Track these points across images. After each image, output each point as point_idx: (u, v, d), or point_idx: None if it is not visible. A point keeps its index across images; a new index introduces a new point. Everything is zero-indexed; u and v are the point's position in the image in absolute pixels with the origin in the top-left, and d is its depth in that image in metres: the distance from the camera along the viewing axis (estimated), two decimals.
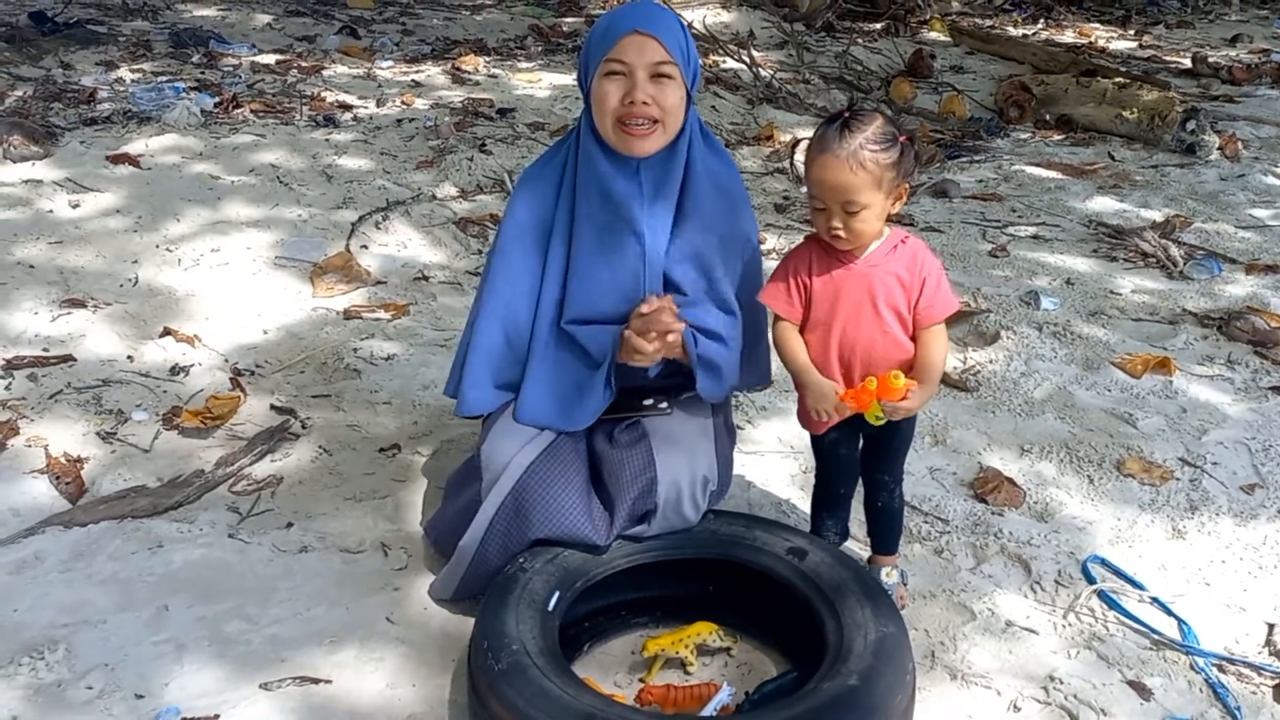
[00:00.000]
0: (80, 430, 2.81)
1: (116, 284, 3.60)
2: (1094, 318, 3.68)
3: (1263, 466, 2.82)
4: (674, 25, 2.04)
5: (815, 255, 2.05)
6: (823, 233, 1.99)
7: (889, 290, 2.01)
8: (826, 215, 1.95)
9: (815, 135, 1.95)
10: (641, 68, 1.98)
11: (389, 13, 8.31)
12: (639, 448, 2.10)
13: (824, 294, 2.03)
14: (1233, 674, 2.13)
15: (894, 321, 2.02)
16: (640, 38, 1.98)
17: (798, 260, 2.06)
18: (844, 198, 1.92)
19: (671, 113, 2.03)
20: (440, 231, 4.19)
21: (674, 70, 2.01)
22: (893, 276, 2.01)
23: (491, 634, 1.82)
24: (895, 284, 2.01)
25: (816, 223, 1.99)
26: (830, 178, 1.91)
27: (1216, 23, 10.12)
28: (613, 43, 1.98)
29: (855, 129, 1.90)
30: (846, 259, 2.02)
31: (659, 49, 1.98)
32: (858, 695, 1.70)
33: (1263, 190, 5.15)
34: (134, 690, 1.98)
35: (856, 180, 1.90)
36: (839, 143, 1.90)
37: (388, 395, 3.04)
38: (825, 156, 1.91)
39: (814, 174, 1.94)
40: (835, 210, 1.93)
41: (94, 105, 5.17)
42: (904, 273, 2.02)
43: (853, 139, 1.90)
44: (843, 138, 1.90)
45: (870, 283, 2.01)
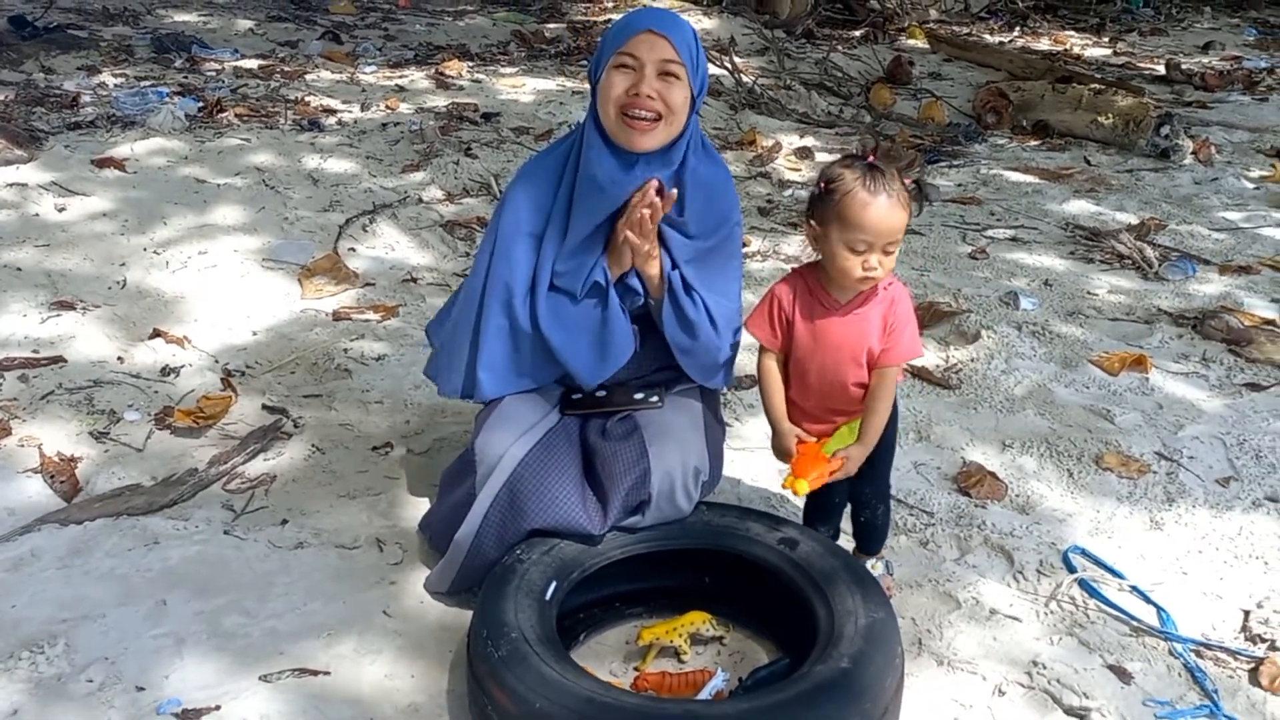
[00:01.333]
0: (73, 430, 2.83)
1: (105, 286, 3.61)
2: (1072, 317, 3.75)
3: (1237, 460, 2.89)
4: (686, 31, 2.10)
5: (800, 296, 2.11)
6: (854, 274, 2.01)
7: (866, 337, 2.08)
8: (864, 256, 1.99)
9: (847, 180, 1.98)
10: (650, 63, 2.03)
11: (371, 18, 8.33)
12: (632, 440, 2.14)
13: (805, 337, 2.11)
14: (1210, 658, 2.19)
15: (865, 364, 2.10)
16: (652, 36, 2.04)
17: (784, 297, 2.12)
18: (894, 238, 1.99)
19: (675, 111, 2.07)
20: (428, 234, 4.22)
21: (681, 71, 2.05)
22: (868, 323, 2.08)
23: (491, 622, 1.85)
24: (870, 330, 2.08)
25: (847, 265, 2.00)
26: (890, 222, 1.97)
27: (1189, 30, 10.26)
28: (626, 39, 2.04)
29: (890, 172, 1.99)
30: (830, 304, 2.09)
31: (669, 48, 2.04)
32: (849, 678, 1.74)
33: (1235, 193, 5.24)
34: (134, 683, 2.01)
35: (905, 218, 1.99)
36: (889, 187, 1.97)
37: (379, 394, 3.07)
38: (883, 200, 1.96)
39: (869, 217, 1.96)
40: (877, 250, 1.99)
41: (77, 110, 5.17)
42: (878, 320, 2.08)
43: (894, 181, 1.98)
44: (889, 181, 1.97)
45: (849, 333, 2.08)
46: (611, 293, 2.18)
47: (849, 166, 2.01)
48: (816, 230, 2.04)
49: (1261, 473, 2.83)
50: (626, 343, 2.21)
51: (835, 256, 2.02)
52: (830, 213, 2.00)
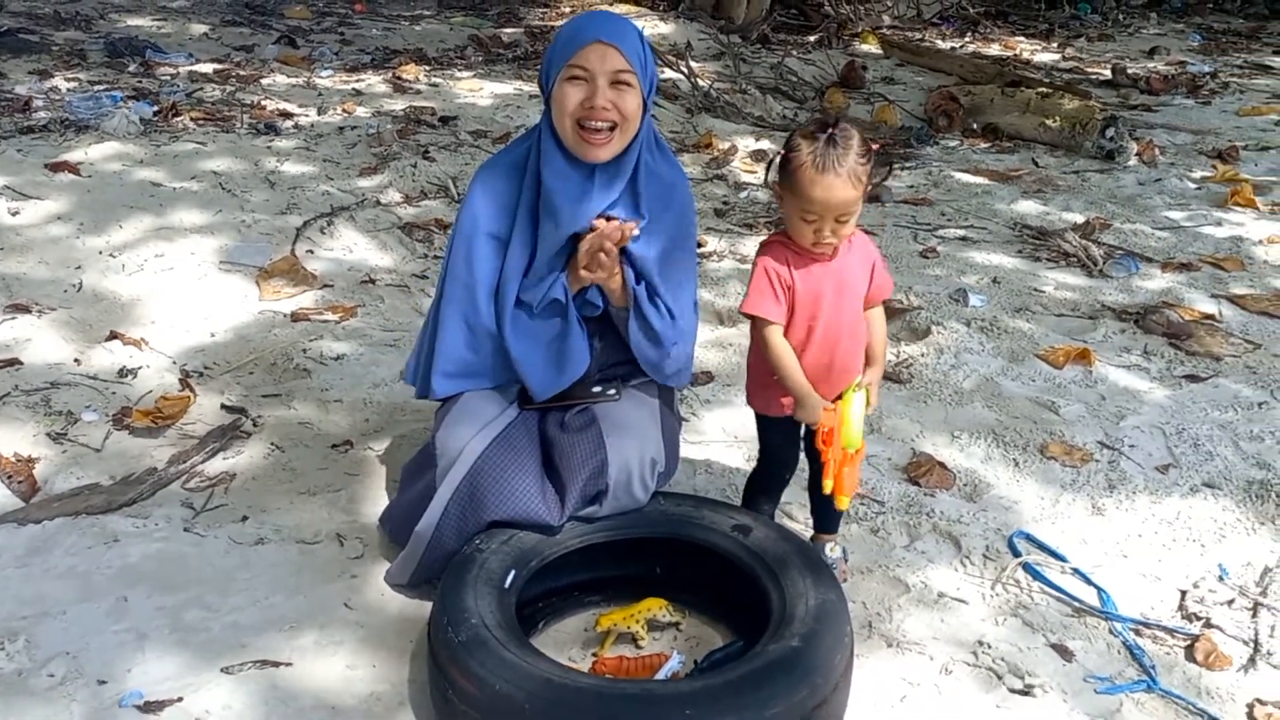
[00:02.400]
0: (30, 431, 2.83)
1: (61, 289, 3.60)
2: (1019, 313, 3.85)
3: (1176, 448, 2.98)
4: (634, 36, 2.13)
5: (790, 258, 2.15)
6: (808, 242, 2.08)
7: (856, 281, 2.18)
8: (816, 225, 2.05)
9: (803, 153, 2.02)
10: (602, 75, 2.07)
11: (327, 23, 8.33)
12: (589, 432, 2.19)
13: (807, 292, 2.15)
14: (1148, 636, 2.27)
15: (859, 308, 2.20)
16: (602, 47, 2.07)
17: (775, 265, 2.15)
18: (842, 211, 2.04)
19: (629, 119, 2.12)
20: (386, 236, 4.24)
21: (633, 79, 2.10)
22: (857, 267, 2.18)
23: (451, 609, 1.89)
24: (859, 273, 2.19)
25: (801, 234, 2.08)
26: (836, 196, 2.01)
27: (1136, 36, 10.48)
28: (576, 50, 2.07)
29: (844, 145, 2.01)
30: (821, 258, 2.14)
31: (620, 58, 2.08)
32: (800, 655, 1.80)
33: (1178, 194, 5.38)
34: (96, 677, 2.02)
35: (855, 194, 2.03)
36: (838, 162, 2.00)
37: (338, 393, 3.10)
38: (828, 177, 2.00)
39: (815, 193, 2.01)
40: (828, 221, 2.04)
41: (30, 114, 5.14)
42: (862, 261, 2.19)
43: (847, 156, 2.01)
44: (840, 156, 2.00)
45: (844, 275, 2.16)
46: (571, 309, 2.21)
47: (809, 137, 2.04)
48: (779, 194, 2.12)
49: (1199, 460, 2.93)
50: (582, 359, 2.25)
51: (791, 222, 2.10)
52: (786, 180, 2.07)
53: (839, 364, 2.19)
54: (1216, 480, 2.83)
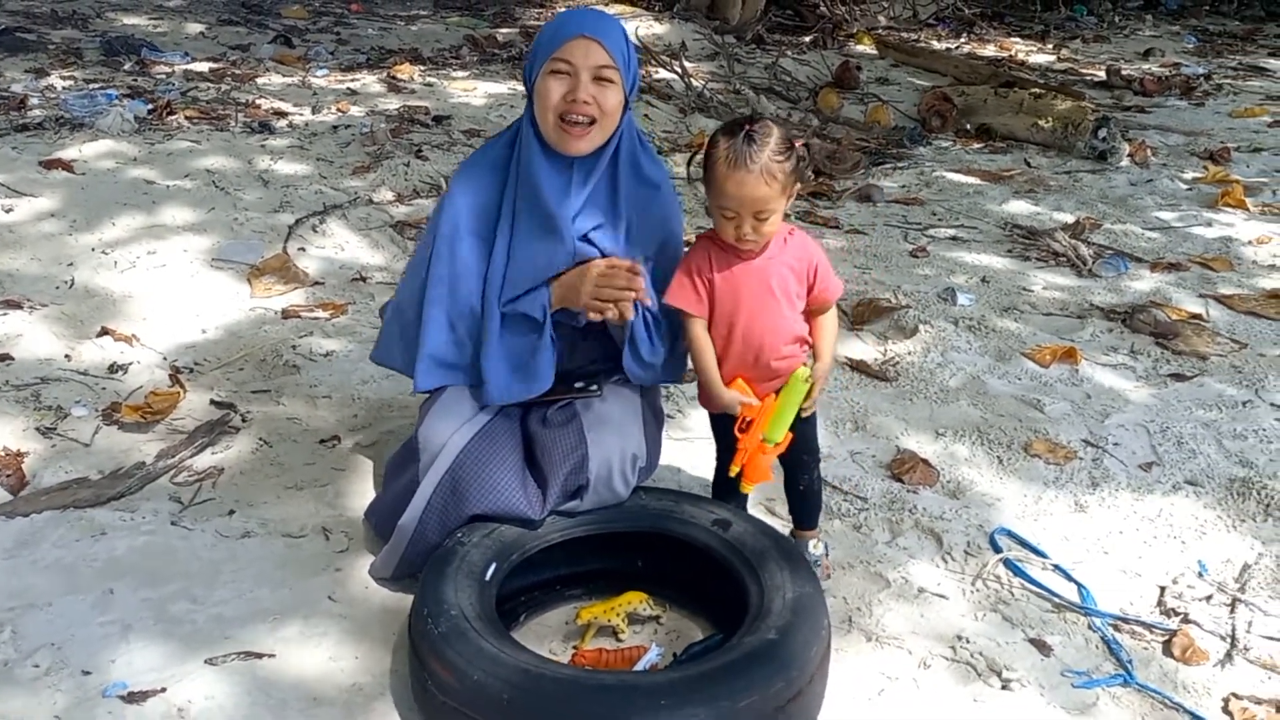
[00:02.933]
0: (19, 426, 2.85)
1: (53, 286, 3.62)
2: (1007, 313, 3.87)
3: (1160, 446, 3.00)
4: (618, 33, 2.15)
5: (714, 254, 2.17)
6: (730, 238, 2.11)
7: (784, 280, 2.17)
8: (736, 222, 2.07)
9: (720, 149, 2.04)
10: (585, 69, 2.09)
11: (323, 22, 8.34)
12: (571, 427, 2.21)
13: (726, 289, 2.16)
14: (1127, 632, 2.29)
15: (788, 308, 2.19)
16: (586, 41, 2.09)
17: (699, 260, 2.18)
18: (758, 208, 2.04)
19: (610, 114, 2.14)
20: (377, 234, 4.26)
21: (615, 75, 2.12)
22: (786, 267, 2.18)
23: (431, 601, 1.91)
24: (789, 273, 2.18)
25: (723, 229, 2.11)
26: (747, 193, 2.02)
27: (1131, 38, 10.49)
28: (560, 44, 2.09)
29: (761, 141, 2.02)
30: (745, 255, 2.15)
31: (603, 53, 2.10)
32: (776, 648, 1.82)
33: (1169, 194, 5.40)
34: (81, 667, 2.04)
35: (769, 191, 2.04)
36: (750, 158, 2.01)
37: (327, 390, 3.12)
38: (739, 173, 2.01)
39: (729, 189, 2.03)
40: (746, 218, 2.06)
41: (25, 112, 5.16)
42: (795, 262, 2.18)
43: (761, 152, 2.01)
44: (753, 152, 2.01)
45: (767, 275, 2.16)
46: (547, 327, 2.22)
47: (728, 133, 2.06)
48: (704, 191, 2.14)
49: (1182, 458, 2.95)
50: (547, 376, 2.24)
51: (714, 217, 2.13)
52: (708, 176, 2.09)
53: (764, 361, 2.20)
54: (1199, 478, 2.85)
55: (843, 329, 3.68)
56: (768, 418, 2.14)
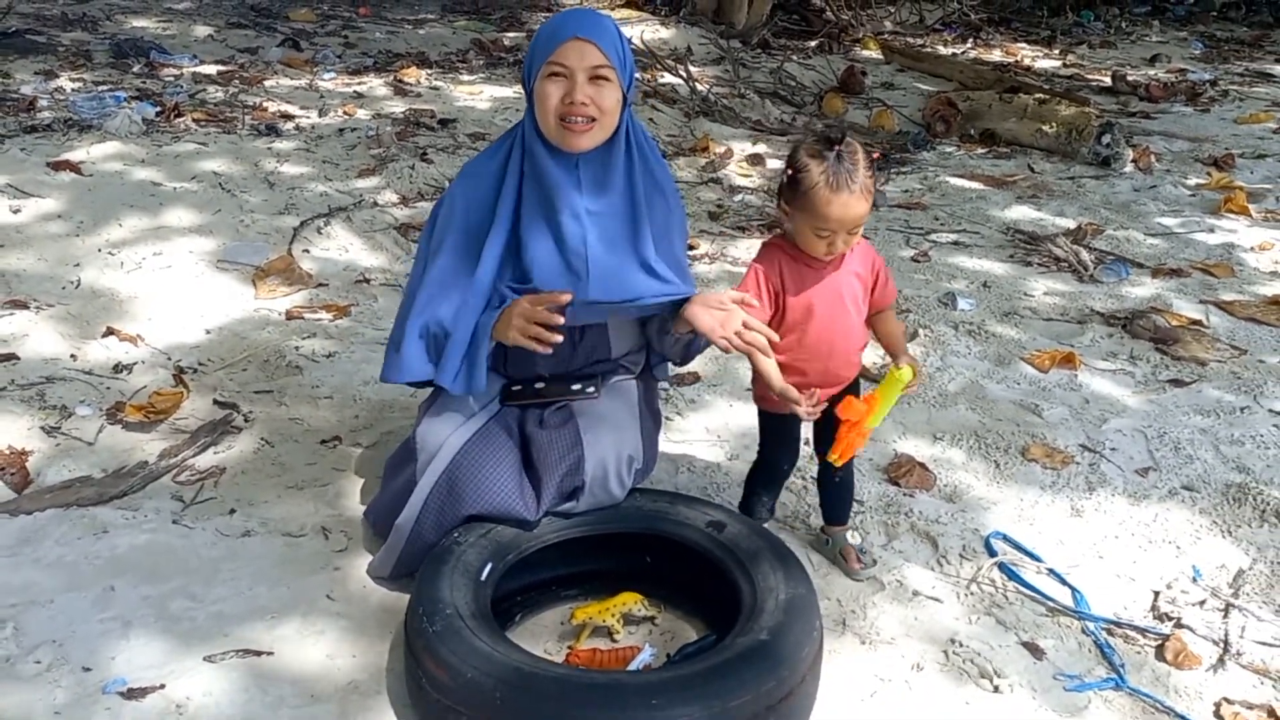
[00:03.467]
0: (24, 425, 2.87)
1: (59, 286, 3.65)
2: (1007, 318, 3.88)
3: (1157, 452, 3.01)
4: (612, 32, 2.18)
5: (785, 264, 2.21)
6: (819, 253, 2.15)
7: (853, 289, 2.24)
8: (830, 240, 2.12)
9: (814, 172, 2.07)
10: (581, 70, 2.11)
11: (331, 25, 8.39)
12: (567, 428, 2.23)
13: (798, 300, 2.22)
14: (1120, 636, 2.30)
15: (856, 315, 2.26)
16: (580, 43, 2.12)
17: (768, 269, 2.22)
18: (857, 225, 2.12)
19: (608, 112, 2.17)
20: (381, 236, 4.28)
21: (611, 74, 2.14)
22: (854, 275, 2.24)
23: (427, 600, 1.93)
24: (856, 281, 2.25)
25: (813, 247, 2.15)
26: (852, 213, 2.09)
27: (1138, 44, 10.49)
28: (555, 47, 2.12)
29: (853, 161, 2.08)
30: (817, 266, 2.20)
31: (597, 53, 2.12)
32: (767, 648, 1.83)
33: (1172, 200, 5.41)
34: (81, 664, 2.06)
35: (867, 207, 2.11)
36: (851, 179, 2.07)
37: (329, 390, 3.14)
38: (843, 195, 2.06)
39: (832, 212, 2.08)
40: (841, 234, 2.11)
41: (34, 113, 5.20)
42: (861, 269, 2.25)
43: (858, 172, 2.08)
44: (852, 174, 2.07)
45: (839, 286, 2.22)
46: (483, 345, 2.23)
47: (815, 156, 2.09)
48: (786, 210, 2.16)
49: (1179, 463, 2.95)
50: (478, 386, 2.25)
51: (802, 236, 2.15)
52: (797, 200, 2.12)
53: (832, 369, 2.27)
54: (1195, 483, 2.86)
55: None
56: (877, 407, 2.18)
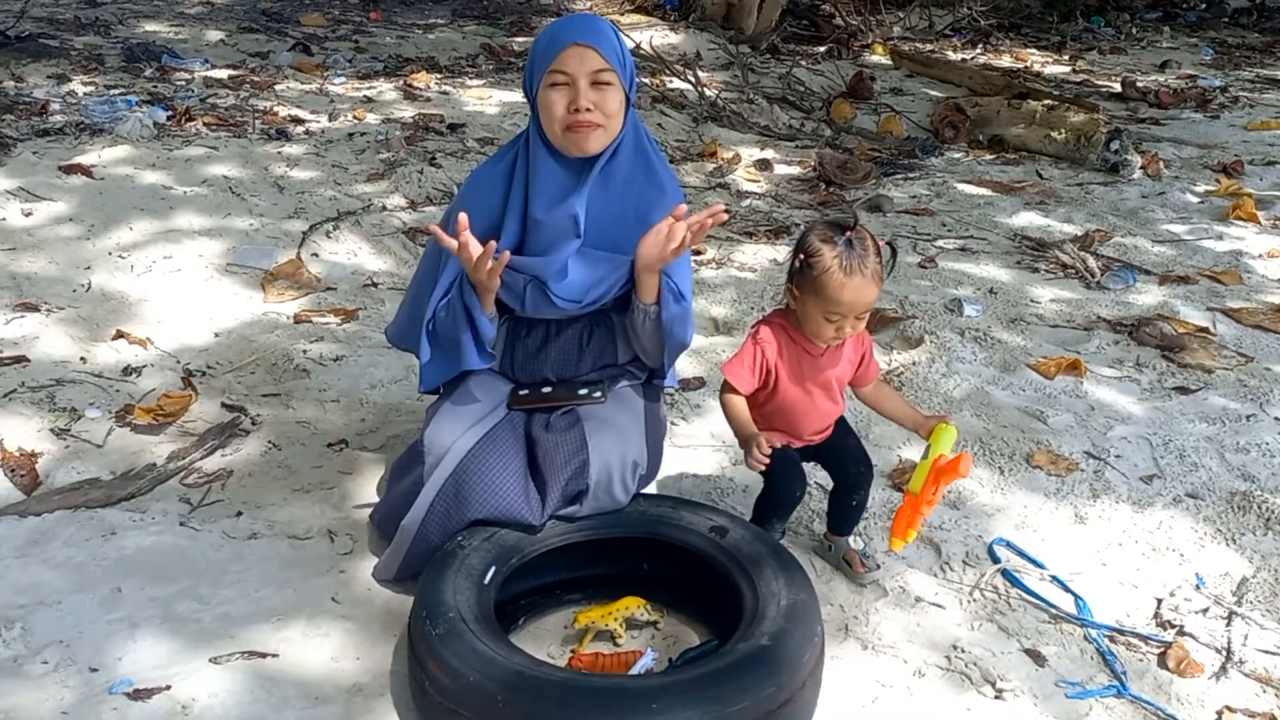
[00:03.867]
0: (34, 427, 2.90)
1: (69, 289, 3.68)
2: (1013, 324, 3.88)
3: (1162, 459, 3.01)
4: (610, 35, 2.20)
5: (785, 344, 2.27)
6: (827, 339, 2.21)
7: (843, 373, 2.31)
8: (838, 324, 2.16)
9: (828, 258, 2.11)
10: (583, 76, 2.13)
11: (342, 30, 8.42)
12: (573, 432, 2.24)
13: (790, 380, 2.28)
14: (1122, 643, 2.31)
15: (840, 396, 2.34)
16: (580, 49, 2.13)
17: (766, 349, 2.26)
18: (868, 309, 2.17)
19: (613, 116, 2.18)
20: (389, 241, 4.31)
21: (613, 77, 2.16)
22: (847, 360, 2.31)
23: (430, 603, 1.94)
24: (848, 365, 2.32)
25: (822, 333, 2.19)
26: (864, 298, 2.14)
27: (1149, 49, 10.47)
28: (555, 54, 2.13)
29: (863, 246, 2.12)
30: (815, 351, 2.26)
31: (598, 58, 2.14)
32: (768, 653, 1.84)
33: (1181, 207, 5.40)
34: (88, 664, 2.08)
35: (878, 292, 2.16)
36: (864, 264, 2.11)
37: (336, 394, 3.16)
38: (856, 280, 2.10)
39: (845, 296, 2.11)
40: (849, 318, 2.16)
41: (46, 117, 5.24)
42: (852, 353, 2.32)
43: (869, 257, 2.12)
44: (864, 259, 2.11)
45: (832, 371, 2.28)
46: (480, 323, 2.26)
47: (827, 241, 2.13)
48: (795, 294, 2.20)
49: (1184, 471, 2.95)
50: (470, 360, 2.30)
51: (811, 320, 2.19)
52: (808, 284, 2.15)
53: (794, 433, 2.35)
54: (1200, 491, 2.86)
55: None
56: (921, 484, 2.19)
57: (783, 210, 5.12)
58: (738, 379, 2.27)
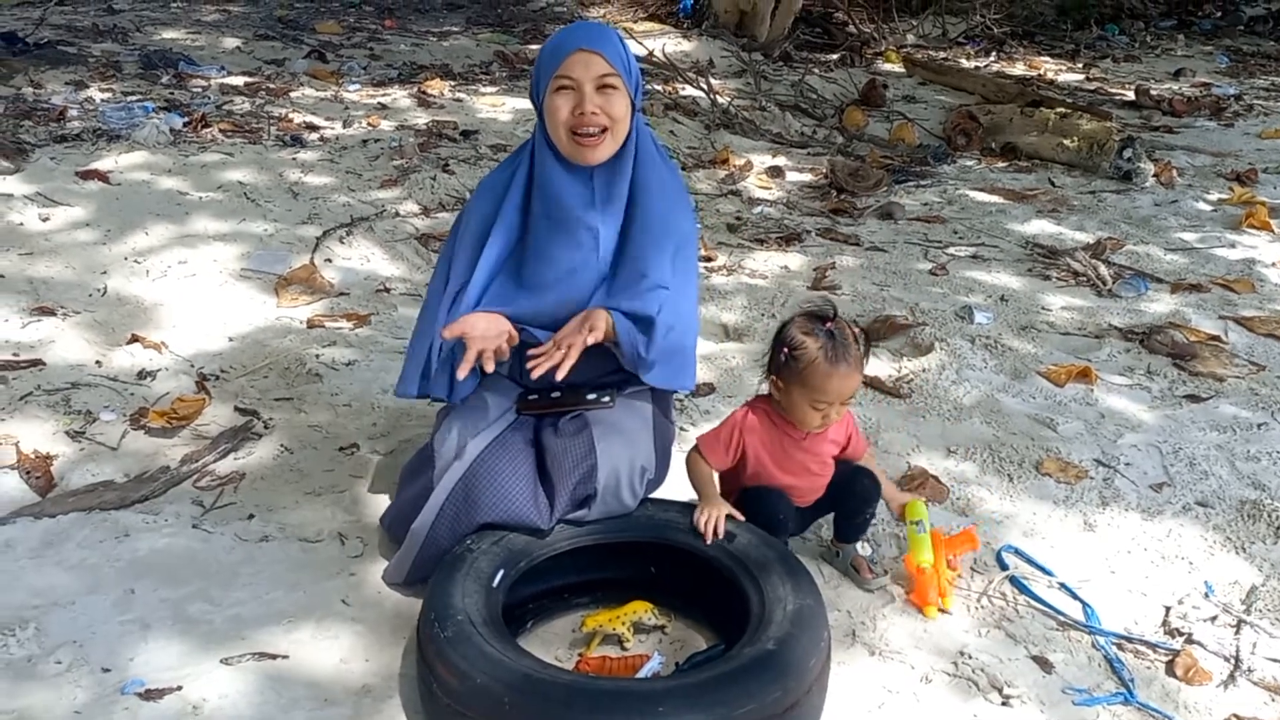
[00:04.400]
0: (49, 429, 2.93)
1: (86, 293, 3.71)
2: (1024, 332, 3.88)
3: (1171, 467, 3.01)
4: (615, 41, 2.22)
5: (767, 433, 2.32)
6: (813, 427, 2.26)
7: (826, 454, 2.35)
8: (824, 412, 2.22)
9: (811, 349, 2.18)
10: (588, 81, 2.16)
11: (357, 38, 8.47)
12: (581, 437, 2.25)
13: (775, 466, 2.34)
14: (1130, 651, 2.30)
15: (820, 480, 2.37)
16: (585, 54, 2.16)
17: (749, 435, 2.32)
18: (851, 395, 2.22)
19: (619, 120, 2.21)
20: (402, 246, 4.33)
21: (618, 81, 2.19)
22: (830, 442, 2.35)
23: (439, 606, 1.96)
24: (832, 445, 2.36)
25: (808, 420, 2.25)
26: (849, 386, 2.21)
27: (1163, 57, 10.45)
28: (560, 60, 2.16)
29: (844, 337, 2.19)
30: (797, 436, 2.31)
31: (603, 63, 2.16)
32: (774, 658, 1.85)
33: (1193, 215, 5.39)
34: (100, 664, 2.10)
35: (860, 379, 2.22)
36: (847, 355, 2.18)
37: (348, 398, 3.18)
38: (841, 368, 2.18)
39: (831, 385, 2.19)
40: (834, 405, 2.21)
41: (64, 123, 5.28)
42: (837, 435, 2.36)
43: (850, 347, 2.19)
44: (845, 347, 2.17)
45: (813, 456, 2.34)
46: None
47: (810, 334, 2.20)
48: (780, 386, 2.25)
49: (1194, 479, 2.95)
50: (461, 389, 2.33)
51: (798, 410, 2.25)
52: (793, 376, 2.22)
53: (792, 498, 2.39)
54: (1210, 499, 2.86)
55: None
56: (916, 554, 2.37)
57: (794, 217, 5.13)
58: (711, 453, 2.35)
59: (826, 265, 4.45)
